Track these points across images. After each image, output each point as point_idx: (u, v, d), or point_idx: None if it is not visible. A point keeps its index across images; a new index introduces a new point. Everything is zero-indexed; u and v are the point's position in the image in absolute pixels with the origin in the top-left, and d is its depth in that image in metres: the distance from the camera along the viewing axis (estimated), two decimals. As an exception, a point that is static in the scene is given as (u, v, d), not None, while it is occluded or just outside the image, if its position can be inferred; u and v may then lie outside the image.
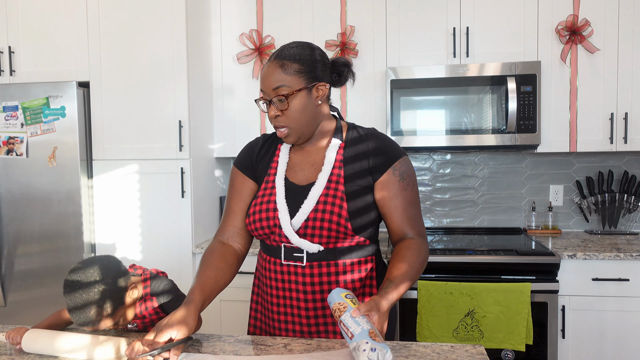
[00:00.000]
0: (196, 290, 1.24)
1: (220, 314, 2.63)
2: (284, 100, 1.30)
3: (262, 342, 1.29)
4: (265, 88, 1.32)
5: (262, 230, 1.36)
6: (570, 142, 2.64)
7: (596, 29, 2.59)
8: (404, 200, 1.35)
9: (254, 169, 1.44)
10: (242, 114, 2.88)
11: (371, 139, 1.38)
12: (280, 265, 1.35)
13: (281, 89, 1.30)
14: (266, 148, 1.46)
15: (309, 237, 1.31)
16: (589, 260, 2.32)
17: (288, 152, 1.42)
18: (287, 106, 1.30)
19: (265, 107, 1.35)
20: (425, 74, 2.63)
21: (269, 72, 1.31)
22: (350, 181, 1.34)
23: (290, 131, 1.34)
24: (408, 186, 1.35)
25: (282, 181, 1.36)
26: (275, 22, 2.82)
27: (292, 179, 1.38)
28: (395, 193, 1.34)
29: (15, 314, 2.63)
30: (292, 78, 1.30)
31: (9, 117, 2.59)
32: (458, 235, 2.94)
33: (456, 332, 2.28)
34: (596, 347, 2.33)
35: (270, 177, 1.39)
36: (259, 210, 1.36)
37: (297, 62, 1.31)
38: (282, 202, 1.33)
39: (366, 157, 1.36)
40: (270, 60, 1.33)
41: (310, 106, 1.33)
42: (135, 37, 2.59)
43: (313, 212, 1.30)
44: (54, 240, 2.58)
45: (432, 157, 3.08)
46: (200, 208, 2.71)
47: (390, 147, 1.37)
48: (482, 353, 1.19)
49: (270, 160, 1.43)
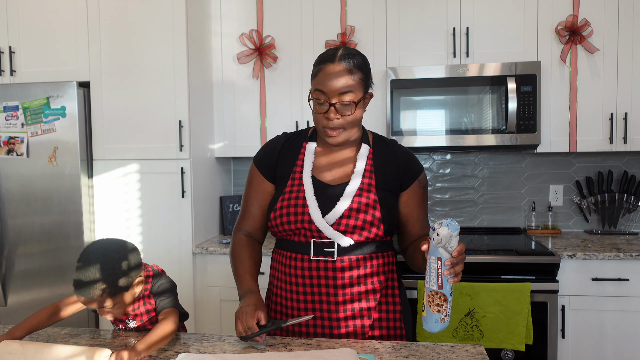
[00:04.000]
0: (251, 281, 1.39)
1: (220, 314, 2.63)
2: (351, 106, 1.32)
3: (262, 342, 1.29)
4: (329, 90, 1.30)
5: (289, 225, 1.36)
6: (570, 142, 2.64)
7: (596, 29, 2.59)
8: (424, 211, 1.45)
9: (273, 170, 1.45)
10: (242, 114, 2.88)
11: (397, 148, 1.45)
12: (309, 262, 1.36)
13: (348, 95, 1.31)
14: (289, 147, 1.46)
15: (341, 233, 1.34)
16: (589, 260, 2.32)
17: (313, 152, 1.43)
18: (352, 112, 1.33)
19: (319, 107, 1.34)
20: (425, 74, 2.63)
21: (337, 74, 1.30)
22: (381, 188, 1.38)
23: (344, 134, 1.36)
24: (426, 196, 1.46)
25: (310, 179, 1.38)
26: (275, 22, 2.83)
27: (320, 178, 1.40)
28: (418, 204, 1.43)
29: (15, 314, 2.63)
30: (357, 85, 1.32)
31: (10, 117, 2.59)
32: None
33: (456, 332, 2.28)
34: (596, 347, 2.33)
35: (296, 175, 1.40)
36: (287, 206, 1.37)
37: (361, 70, 1.33)
38: (312, 198, 1.35)
39: (395, 165, 1.41)
40: (334, 62, 1.31)
41: (361, 113, 1.37)
42: (135, 37, 2.59)
43: (347, 210, 1.33)
44: (54, 240, 2.58)
45: (432, 157, 3.08)
46: (200, 208, 2.71)
47: (415, 160, 1.45)
48: (482, 353, 1.20)
49: (294, 159, 1.43)
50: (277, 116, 2.85)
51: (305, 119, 2.81)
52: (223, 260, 2.60)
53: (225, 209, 2.99)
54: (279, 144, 1.47)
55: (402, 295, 1.46)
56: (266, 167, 1.46)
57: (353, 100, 1.31)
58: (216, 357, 1.18)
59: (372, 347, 1.24)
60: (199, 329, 2.62)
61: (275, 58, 2.82)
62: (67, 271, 2.58)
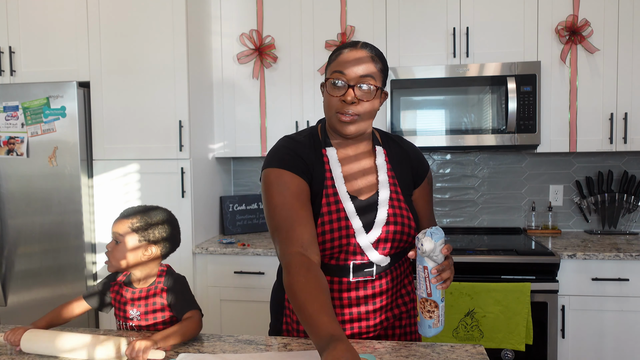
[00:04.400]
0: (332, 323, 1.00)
1: (220, 314, 2.63)
2: (372, 90, 1.26)
3: (262, 342, 1.29)
4: (351, 72, 1.25)
5: (331, 249, 1.27)
6: (570, 142, 2.64)
7: (596, 29, 2.59)
8: (431, 207, 1.47)
9: (310, 173, 1.29)
10: (243, 114, 2.88)
11: (406, 145, 1.43)
12: (348, 284, 1.29)
13: (369, 79, 1.26)
14: (312, 153, 1.32)
15: (380, 250, 1.29)
16: (589, 260, 2.32)
17: (337, 159, 1.32)
18: (371, 97, 1.26)
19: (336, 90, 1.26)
20: (425, 74, 2.63)
21: (360, 58, 1.26)
22: (405, 193, 1.37)
23: (358, 120, 1.27)
24: (432, 192, 1.48)
25: (347, 195, 1.29)
26: (275, 22, 2.83)
27: (351, 191, 1.31)
28: (428, 200, 1.45)
29: (15, 314, 2.63)
30: (378, 74, 1.29)
31: (10, 117, 2.59)
32: (458, 235, 2.94)
33: (456, 332, 2.28)
34: (596, 347, 2.33)
35: (329, 190, 1.28)
36: (330, 230, 1.25)
37: (382, 61, 1.31)
38: (356, 219, 1.27)
39: (409, 164, 1.40)
40: (356, 47, 1.28)
41: (377, 107, 1.33)
42: (135, 37, 2.59)
43: (385, 225, 1.29)
44: (54, 240, 2.58)
45: (432, 157, 3.08)
46: (200, 208, 2.71)
47: (422, 156, 1.45)
48: (482, 353, 1.19)
49: (322, 169, 1.30)
50: (277, 116, 2.85)
51: (306, 119, 2.81)
52: (223, 260, 2.60)
53: (225, 209, 2.99)
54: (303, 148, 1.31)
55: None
56: (303, 170, 1.28)
57: (375, 85, 1.26)
58: (216, 357, 1.18)
59: (372, 347, 1.24)
60: (199, 329, 2.62)
61: (275, 58, 2.82)
62: (67, 271, 2.58)
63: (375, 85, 1.26)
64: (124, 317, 1.43)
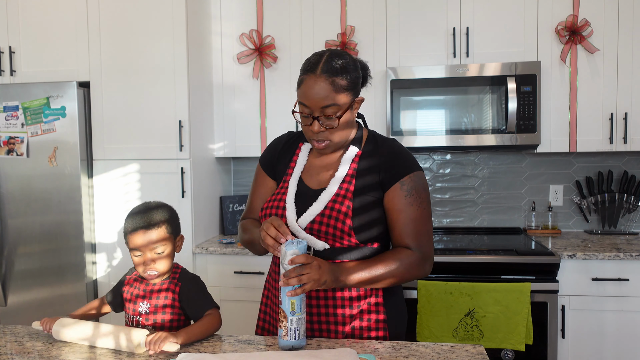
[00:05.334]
0: None
1: (220, 314, 2.63)
2: (334, 119, 1.29)
3: (262, 342, 1.29)
4: (312, 104, 1.28)
5: None
6: (570, 142, 2.64)
7: (596, 29, 2.59)
8: (407, 216, 1.32)
9: (274, 167, 1.48)
10: (242, 114, 2.88)
11: (386, 151, 1.37)
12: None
13: (331, 108, 1.28)
14: (288, 146, 1.48)
15: (315, 237, 1.33)
16: (589, 260, 2.32)
17: (307, 154, 1.44)
18: (336, 124, 1.29)
19: (305, 120, 1.32)
20: (425, 74, 2.63)
21: (318, 88, 1.26)
22: (359, 194, 1.33)
23: (330, 145, 1.34)
24: (415, 202, 1.32)
25: (296, 182, 1.39)
26: (275, 22, 2.83)
27: (307, 181, 1.40)
28: (400, 208, 1.32)
29: (15, 314, 2.63)
30: (341, 96, 1.28)
31: (10, 117, 2.59)
32: (458, 235, 2.94)
33: (456, 332, 2.28)
34: (596, 347, 2.33)
35: (287, 177, 1.42)
36: (270, 207, 1.39)
37: (345, 78, 1.28)
38: (291, 202, 1.35)
39: (378, 170, 1.35)
40: (316, 73, 1.27)
41: (351, 120, 1.35)
42: (135, 37, 2.59)
43: (319, 216, 1.31)
44: (54, 240, 2.58)
45: (432, 157, 3.08)
46: (200, 208, 2.71)
47: (403, 161, 1.35)
48: (482, 353, 1.20)
49: (289, 160, 1.45)
50: (277, 116, 2.85)
51: (305, 119, 2.80)
52: (223, 260, 2.60)
53: (225, 209, 2.99)
54: (281, 143, 1.50)
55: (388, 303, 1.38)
56: (268, 164, 1.49)
57: (336, 114, 1.28)
58: (216, 357, 1.18)
59: (372, 347, 1.24)
60: (199, 329, 2.62)
61: (275, 58, 2.82)
62: (67, 271, 2.58)
63: (336, 113, 1.28)
64: (133, 311, 1.43)
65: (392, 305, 1.39)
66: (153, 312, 1.41)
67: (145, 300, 1.42)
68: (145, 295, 1.42)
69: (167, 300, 1.41)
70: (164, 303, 1.41)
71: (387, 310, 1.37)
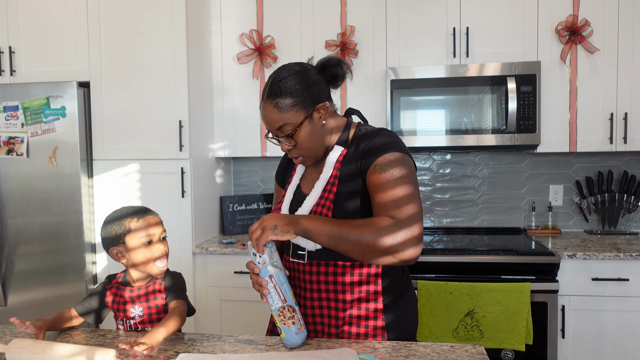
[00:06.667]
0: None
1: (220, 314, 2.63)
2: (291, 137, 1.32)
3: (262, 342, 1.29)
4: (270, 128, 1.34)
5: None
6: (570, 142, 2.64)
7: (596, 29, 2.59)
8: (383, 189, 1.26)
9: (284, 178, 1.55)
10: (243, 114, 2.88)
11: (366, 141, 1.33)
12: (289, 263, 1.40)
13: (284, 128, 1.31)
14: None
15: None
16: (589, 260, 2.32)
17: None
18: (295, 141, 1.33)
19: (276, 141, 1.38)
20: (425, 74, 2.63)
21: (266, 113, 1.31)
22: (341, 192, 1.32)
23: (305, 159, 1.38)
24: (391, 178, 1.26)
25: (293, 190, 1.44)
26: (275, 22, 2.83)
27: (303, 187, 1.44)
28: (375, 185, 1.27)
29: (15, 314, 2.63)
30: (290, 114, 1.29)
31: (10, 117, 2.59)
32: (458, 235, 2.94)
33: (456, 332, 2.28)
34: (596, 347, 2.34)
35: (287, 186, 1.48)
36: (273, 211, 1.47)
37: (289, 96, 1.29)
38: (286, 209, 1.41)
39: (356, 161, 1.33)
40: (264, 99, 1.32)
41: (317, 130, 1.34)
42: (135, 37, 2.59)
43: None
44: (54, 240, 2.58)
45: (432, 157, 3.08)
46: (200, 208, 2.71)
47: (380, 146, 1.30)
48: (482, 353, 1.20)
49: (292, 169, 1.51)
50: (277, 116, 2.84)
51: (305, 119, 2.80)
52: (223, 260, 2.60)
53: (225, 209, 2.99)
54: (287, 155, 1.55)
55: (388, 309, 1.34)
56: (280, 177, 1.57)
57: (290, 134, 1.30)
58: (216, 357, 1.18)
59: (372, 347, 1.24)
60: (199, 329, 2.62)
61: (275, 58, 2.82)
62: (67, 271, 2.58)
63: (290, 133, 1.31)
64: (125, 317, 1.43)
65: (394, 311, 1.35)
66: (148, 314, 1.41)
67: (136, 304, 1.41)
68: (134, 300, 1.42)
69: (158, 300, 1.41)
70: (155, 303, 1.41)
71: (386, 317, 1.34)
